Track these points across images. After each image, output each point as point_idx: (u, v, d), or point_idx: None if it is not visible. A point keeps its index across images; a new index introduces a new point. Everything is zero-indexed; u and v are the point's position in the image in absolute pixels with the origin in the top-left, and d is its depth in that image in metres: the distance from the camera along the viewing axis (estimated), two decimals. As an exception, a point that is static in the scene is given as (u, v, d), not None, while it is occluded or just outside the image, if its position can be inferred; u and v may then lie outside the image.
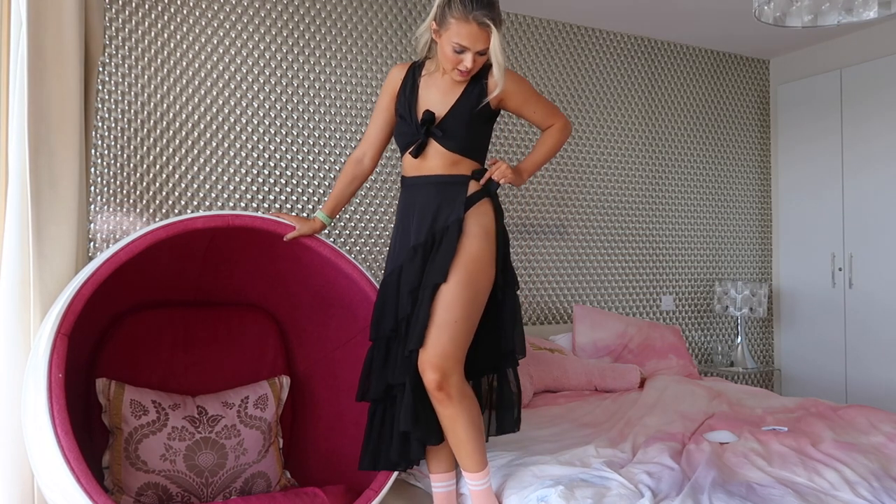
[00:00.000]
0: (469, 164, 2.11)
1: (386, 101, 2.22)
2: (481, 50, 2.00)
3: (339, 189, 2.32)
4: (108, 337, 2.40)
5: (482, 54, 2.02)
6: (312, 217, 2.33)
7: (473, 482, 2.01)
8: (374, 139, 2.27)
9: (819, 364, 4.40)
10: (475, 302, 1.99)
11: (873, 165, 4.13)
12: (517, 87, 2.12)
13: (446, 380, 1.93)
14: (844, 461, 2.10)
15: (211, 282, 2.54)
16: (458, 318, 1.95)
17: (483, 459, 2.01)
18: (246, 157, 3.26)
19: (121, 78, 3.03)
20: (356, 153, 2.30)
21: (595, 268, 4.13)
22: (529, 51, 3.96)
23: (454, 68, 2.03)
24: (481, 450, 2.00)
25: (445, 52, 2.02)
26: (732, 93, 4.68)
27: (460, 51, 2.00)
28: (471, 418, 1.97)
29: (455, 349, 1.94)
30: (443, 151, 2.09)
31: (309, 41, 3.41)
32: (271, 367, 2.61)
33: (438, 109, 2.10)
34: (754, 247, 4.73)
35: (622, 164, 4.25)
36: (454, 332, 1.94)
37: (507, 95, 2.11)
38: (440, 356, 1.93)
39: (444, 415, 1.97)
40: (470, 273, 1.99)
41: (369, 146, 2.28)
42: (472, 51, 1.99)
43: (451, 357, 1.94)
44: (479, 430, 2.01)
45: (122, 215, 3.01)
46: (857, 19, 2.30)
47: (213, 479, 2.28)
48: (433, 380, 1.92)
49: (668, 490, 1.93)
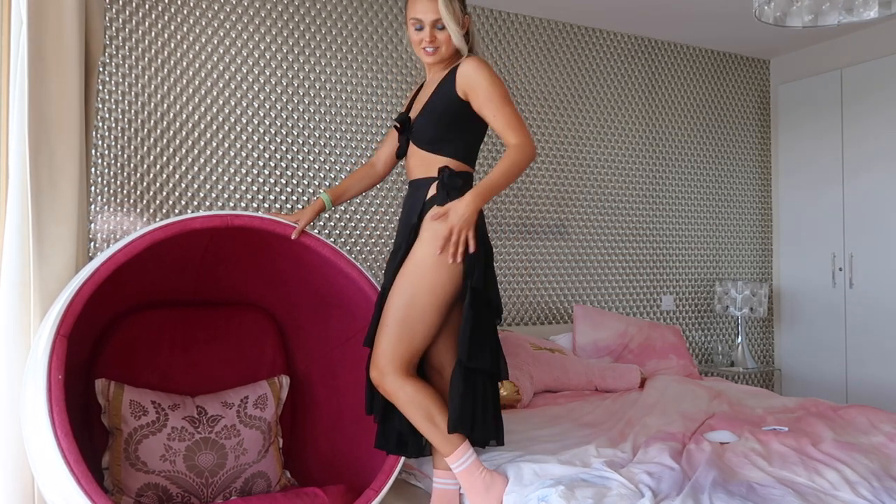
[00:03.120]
0: (437, 161, 2.09)
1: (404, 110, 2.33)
2: (435, 21, 2.05)
3: (349, 181, 2.41)
4: (108, 337, 2.40)
5: (441, 29, 2.07)
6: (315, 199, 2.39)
7: (452, 464, 2.04)
8: (387, 148, 2.40)
9: (819, 364, 4.40)
10: (413, 305, 2.01)
11: (874, 165, 4.13)
12: (483, 82, 2.02)
13: (383, 378, 2.02)
14: (845, 461, 2.10)
15: (210, 282, 2.54)
16: (395, 320, 2.02)
17: (449, 441, 2.02)
18: (246, 157, 3.26)
19: (121, 78, 3.03)
20: (373, 158, 2.44)
21: (595, 268, 4.13)
22: (529, 51, 3.96)
23: (422, 49, 2.11)
24: (442, 434, 2.01)
25: (411, 37, 2.12)
26: (733, 93, 4.68)
27: (419, 27, 2.08)
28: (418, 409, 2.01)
29: (390, 349, 2.02)
30: (415, 150, 2.14)
31: (309, 41, 3.41)
32: (271, 367, 2.61)
33: (417, 109, 2.17)
34: (755, 247, 4.72)
35: (622, 164, 4.24)
36: (389, 333, 2.02)
37: (471, 88, 2.04)
38: (377, 355, 2.04)
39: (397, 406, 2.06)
40: (408, 277, 2.03)
41: (381, 154, 2.42)
42: (426, 23, 2.06)
43: (385, 356, 2.01)
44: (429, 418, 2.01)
45: (122, 215, 3.01)
46: (858, 19, 2.30)
47: (213, 479, 2.28)
48: (373, 377, 2.05)
49: (669, 490, 1.93)
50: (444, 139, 2.10)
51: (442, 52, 2.10)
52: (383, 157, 2.40)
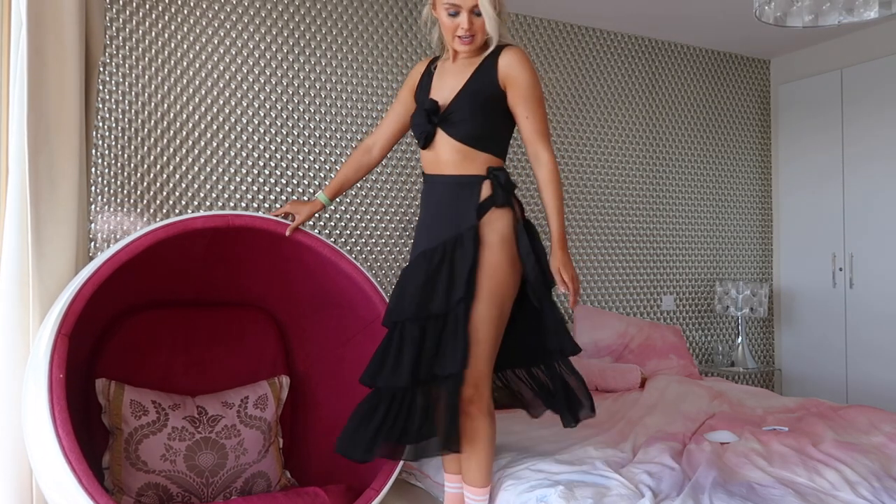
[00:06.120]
0: (483, 159, 2.00)
1: (404, 94, 2.21)
2: (474, 7, 1.94)
3: (344, 174, 2.31)
4: (108, 337, 2.40)
5: (478, 15, 1.96)
6: (313, 199, 2.33)
7: (476, 497, 2.01)
8: (386, 130, 2.27)
9: (820, 364, 4.40)
10: (502, 318, 1.97)
11: (874, 165, 4.13)
12: (528, 78, 1.97)
13: (480, 396, 1.94)
14: (845, 461, 2.09)
15: (211, 282, 2.54)
16: (489, 336, 1.94)
17: (490, 476, 2.02)
18: (246, 157, 3.26)
19: (121, 78, 3.03)
20: (367, 141, 2.30)
21: (595, 268, 4.13)
22: (530, 51, 3.96)
23: (455, 37, 1.98)
24: (490, 467, 2.02)
25: (444, 22, 1.99)
26: (733, 93, 4.68)
27: (454, 13, 1.95)
28: (491, 435, 1.99)
29: (486, 366, 1.95)
30: (451, 142, 2.00)
31: (309, 41, 3.41)
32: (271, 367, 2.61)
33: (446, 96, 2.03)
34: (755, 247, 4.72)
35: (622, 164, 4.24)
36: (484, 350, 1.94)
37: (512, 79, 1.97)
38: (474, 374, 1.93)
39: (471, 426, 1.96)
40: (493, 288, 1.93)
41: (380, 136, 2.28)
42: (465, 9, 1.94)
43: (484, 374, 1.95)
44: (494, 447, 2.02)
45: (123, 215, 3.01)
46: (858, 19, 2.29)
47: (213, 479, 2.28)
48: (469, 395, 1.93)
49: (669, 490, 1.93)
50: (490, 135, 2.01)
51: (478, 40, 1.98)
52: (381, 142, 2.27)
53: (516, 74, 1.97)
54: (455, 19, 1.96)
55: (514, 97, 1.99)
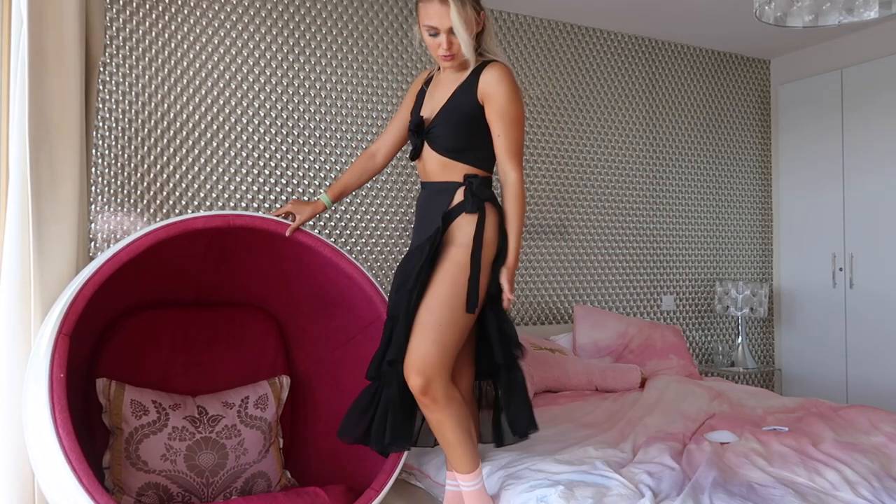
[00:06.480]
0: (462, 168, 2.07)
1: (406, 103, 2.29)
2: (451, 28, 1.98)
3: (348, 178, 2.36)
4: (109, 337, 2.40)
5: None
6: (315, 199, 2.35)
7: (466, 483, 2.01)
8: (389, 138, 2.34)
9: (820, 364, 4.40)
10: (457, 309, 1.97)
11: (874, 165, 4.13)
12: (503, 96, 2.01)
13: (430, 384, 1.92)
14: (845, 461, 2.10)
15: (211, 282, 2.54)
16: (442, 321, 1.94)
17: (474, 460, 2.01)
18: (246, 157, 3.26)
19: (121, 78, 3.03)
20: (372, 147, 2.37)
21: (595, 268, 4.13)
22: (529, 51, 3.96)
23: (437, 55, 2.05)
24: (471, 451, 2.00)
25: (427, 41, 2.05)
26: (733, 93, 4.68)
27: (434, 34, 2.01)
28: (458, 421, 1.97)
29: (439, 353, 1.93)
30: (433, 154, 2.09)
31: (310, 41, 3.41)
32: (271, 367, 2.61)
33: (433, 108, 2.11)
34: (755, 247, 4.72)
35: (622, 164, 4.24)
36: (437, 335, 1.93)
37: (488, 96, 2.02)
38: (423, 361, 1.92)
39: (431, 419, 1.98)
40: (449, 283, 1.97)
41: (384, 143, 2.35)
42: (442, 31, 1.99)
43: (435, 361, 1.93)
44: (468, 431, 2.00)
45: (123, 215, 3.01)
46: (858, 19, 2.29)
47: (213, 479, 2.28)
48: (417, 385, 1.92)
49: (669, 490, 1.93)
50: (467, 148, 2.07)
51: (459, 56, 2.04)
52: (385, 149, 2.35)
53: (493, 92, 2.02)
54: (436, 39, 2.02)
55: (490, 114, 2.05)
